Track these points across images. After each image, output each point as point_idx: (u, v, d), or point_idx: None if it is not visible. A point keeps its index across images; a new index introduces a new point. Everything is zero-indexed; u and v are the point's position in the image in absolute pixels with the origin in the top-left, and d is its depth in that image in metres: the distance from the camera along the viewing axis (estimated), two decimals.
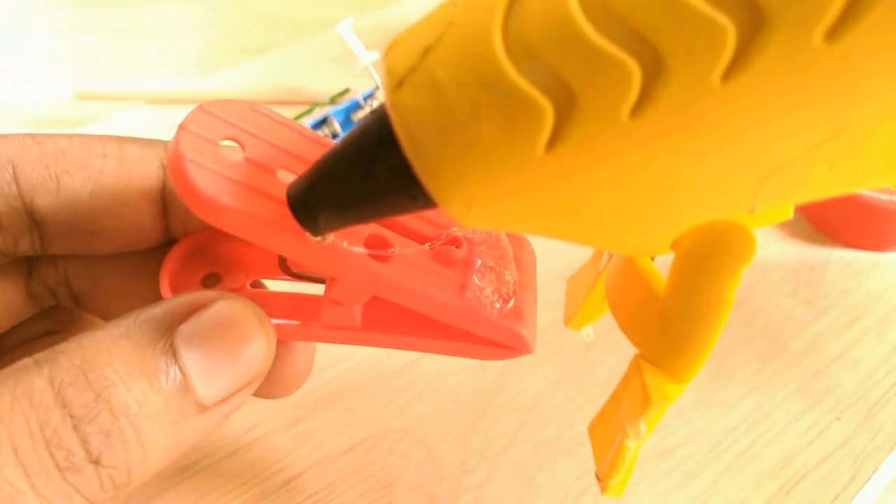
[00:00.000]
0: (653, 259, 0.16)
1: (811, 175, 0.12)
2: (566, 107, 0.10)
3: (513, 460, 0.25)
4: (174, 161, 0.15)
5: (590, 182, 0.11)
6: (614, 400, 0.17)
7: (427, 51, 0.11)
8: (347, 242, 0.16)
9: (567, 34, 0.10)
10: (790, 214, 0.15)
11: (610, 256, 0.18)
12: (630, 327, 0.16)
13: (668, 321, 0.15)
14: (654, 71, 0.10)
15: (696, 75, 0.10)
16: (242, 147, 0.16)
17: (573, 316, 0.20)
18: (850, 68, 0.10)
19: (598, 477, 0.18)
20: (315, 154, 0.17)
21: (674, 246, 0.14)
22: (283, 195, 0.15)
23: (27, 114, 0.42)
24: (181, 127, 0.15)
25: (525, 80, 0.10)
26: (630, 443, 0.16)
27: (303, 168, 0.16)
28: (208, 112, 0.16)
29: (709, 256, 0.13)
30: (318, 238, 0.15)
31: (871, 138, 0.11)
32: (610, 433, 0.17)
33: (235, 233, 0.15)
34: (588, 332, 0.21)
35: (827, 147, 0.11)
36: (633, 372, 0.16)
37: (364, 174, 0.13)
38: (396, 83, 0.12)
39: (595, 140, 0.11)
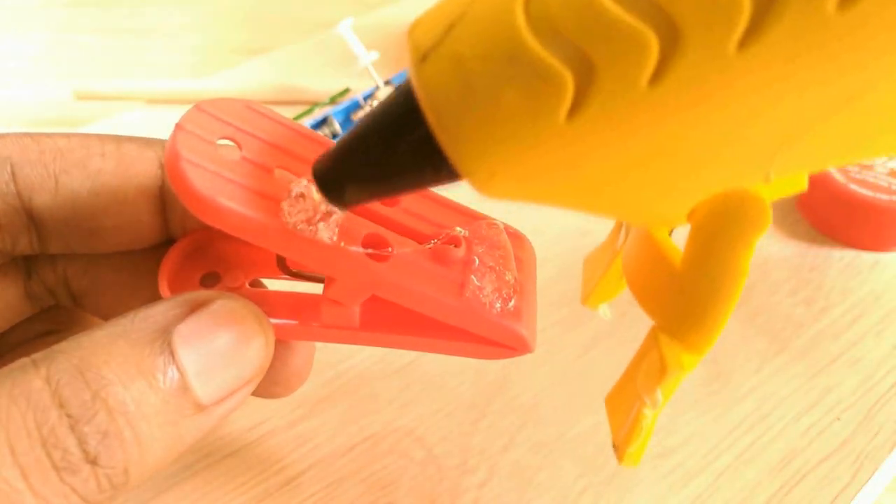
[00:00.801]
0: (670, 234, 0.16)
1: (824, 143, 0.12)
2: (586, 77, 0.11)
3: (513, 460, 0.25)
4: (171, 161, 0.15)
5: (609, 150, 0.12)
6: (630, 372, 0.18)
7: (451, 27, 0.12)
8: (345, 242, 0.16)
9: (586, 6, 0.11)
10: (805, 185, 0.15)
11: (626, 235, 0.18)
12: (647, 300, 0.16)
13: (684, 292, 0.15)
14: (671, 41, 0.10)
15: (713, 45, 0.10)
16: (239, 146, 0.16)
17: (590, 294, 0.20)
18: (861, 37, 0.10)
19: (614, 446, 0.18)
20: (313, 153, 0.17)
21: (690, 216, 0.14)
22: (280, 195, 0.15)
23: (27, 114, 0.42)
24: (177, 126, 0.15)
25: (547, 52, 0.11)
26: (647, 412, 0.16)
27: (300, 167, 0.16)
28: (205, 111, 0.16)
29: (725, 226, 0.14)
30: (340, 211, 0.15)
31: (881, 107, 0.11)
32: (626, 404, 0.17)
33: (233, 233, 0.15)
34: (605, 310, 0.21)
35: (839, 116, 0.11)
36: (650, 343, 0.16)
37: (389, 148, 0.13)
38: (421, 58, 0.12)
39: (614, 109, 0.11)
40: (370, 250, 0.16)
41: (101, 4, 0.52)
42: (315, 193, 0.14)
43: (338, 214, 0.16)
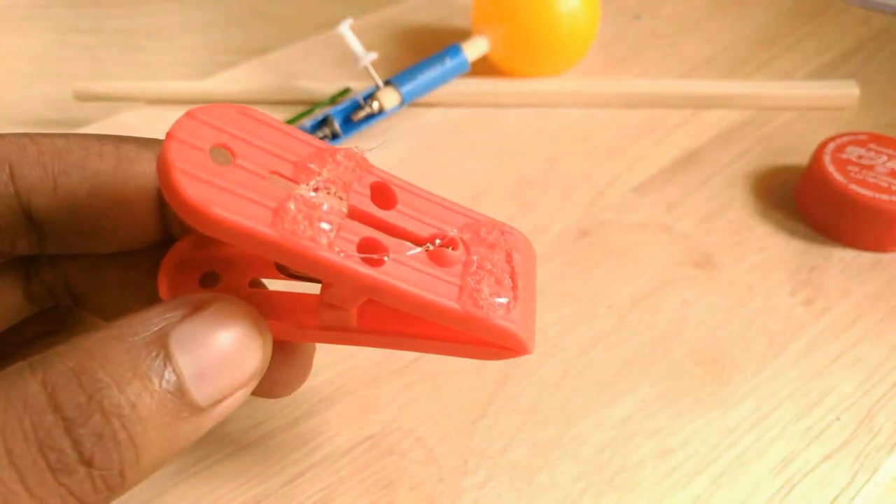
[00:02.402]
0: None
1: None
2: None
3: (513, 460, 0.25)
4: (163, 171, 0.15)
5: None
6: None
7: None
8: (340, 248, 0.16)
9: None
10: None
11: None
12: None
13: None
14: None
15: None
16: (232, 153, 0.16)
17: None
18: None
19: None
20: (307, 156, 0.17)
21: None
22: (272, 200, 0.15)
23: (27, 114, 0.42)
24: (169, 135, 0.15)
25: None
26: None
27: (294, 171, 0.16)
28: (196, 118, 0.16)
29: None
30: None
31: None
32: None
33: (227, 240, 0.15)
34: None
35: None
36: None
37: None
38: None
39: None
40: (366, 255, 0.16)
41: (101, 4, 0.52)
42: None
43: (338, 217, 0.16)
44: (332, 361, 0.28)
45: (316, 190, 0.16)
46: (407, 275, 0.16)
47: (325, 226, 0.16)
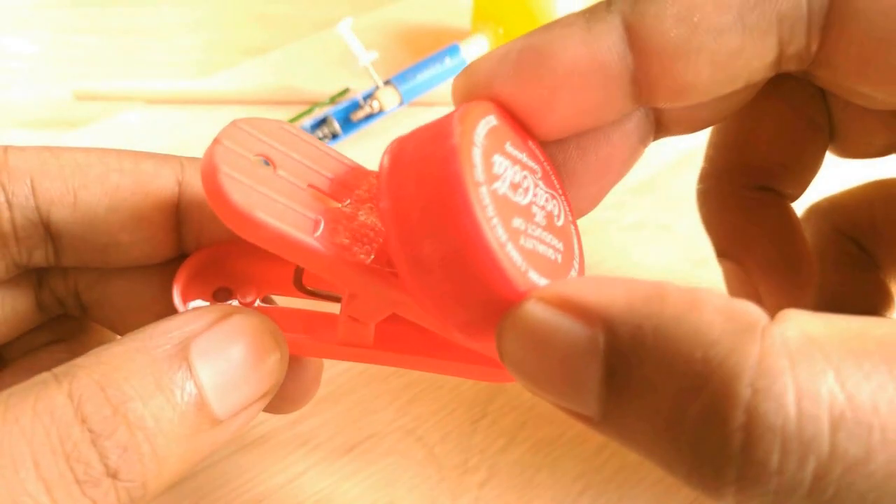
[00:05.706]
0: None
1: None
2: None
3: (513, 460, 0.25)
4: (208, 173, 0.15)
5: None
6: None
7: None
8: (373, 260, 0.16)
9: None
10: None
11: None
12: None
13: None
14: None
15: None
16: (274, 163, 0.16)
17: None
18: None
19: None
20: (342, 173, 0.17)
21: None
22: (312, 210, 0.16)
23: (27, 114, 0.42)
24: (216, 141, 0.15)
25: None
26: None
27: (331, 186, 0.17)
28: (241, 128, 0.16)
29: None
30: None
31: None
32: None
33: (265, 246, 0.15)
34: None
35: None
36: None
37: None
38: None
39: None
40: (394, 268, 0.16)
41: (101, 4, 0.52)
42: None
43: (378, 235, 0.16)
44: (332, 361, 0.28)
45: (359, 208, 0.16)
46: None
47: (364, 242, 0.16)
